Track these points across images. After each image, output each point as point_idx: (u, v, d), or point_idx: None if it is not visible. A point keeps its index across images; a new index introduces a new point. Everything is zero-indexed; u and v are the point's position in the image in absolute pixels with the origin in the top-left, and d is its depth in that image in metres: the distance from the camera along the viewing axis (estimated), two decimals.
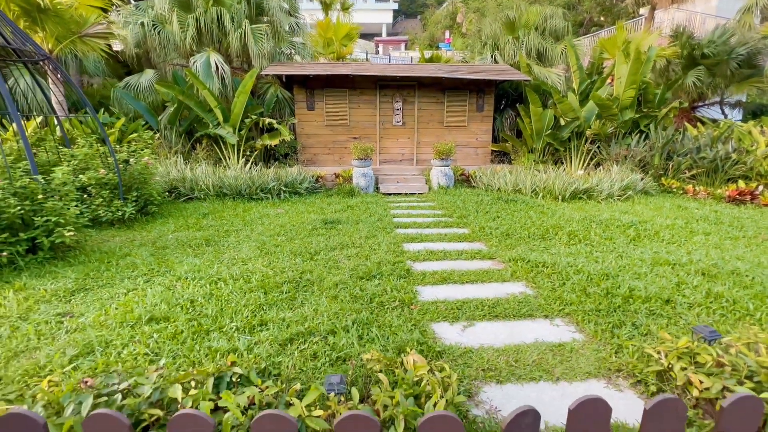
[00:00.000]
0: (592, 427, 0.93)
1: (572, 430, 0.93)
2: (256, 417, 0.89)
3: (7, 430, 0.87)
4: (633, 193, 7.42)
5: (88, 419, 0.87)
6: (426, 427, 0.88)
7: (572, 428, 0.94)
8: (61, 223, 3.71)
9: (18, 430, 0.87)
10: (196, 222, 5.42)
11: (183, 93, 7.74)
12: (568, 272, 3.59)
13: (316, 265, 3.83)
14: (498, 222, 5.54)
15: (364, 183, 8.10)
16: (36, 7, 6.21)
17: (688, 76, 10.83)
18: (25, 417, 0.87)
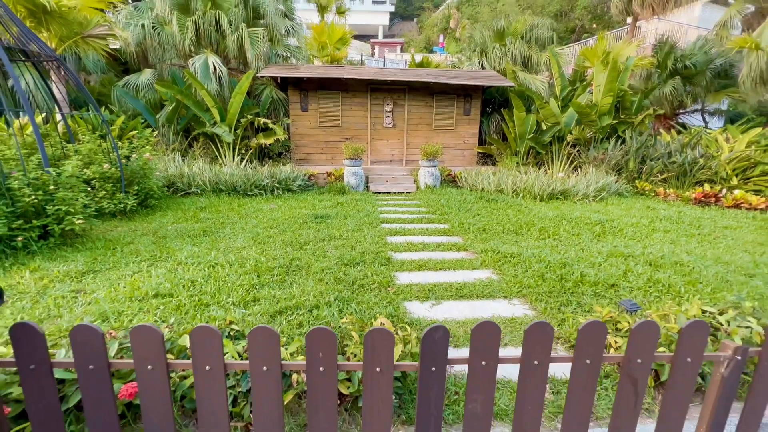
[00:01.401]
0: (487, 342, 1.33)
1: (474, 343, 1.33)
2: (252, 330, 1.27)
3: (79, 338, 1.24)
4: (607, 194, 7.90)
5: (134, 329, 1.24)
6: (369, 336, 1.27)
7: (474, 342, 1.33)
8: (70, 212, 4.04)
9: (86, 337, 1.24)
10: (193, 215, 5.76)
11: (181, 93, 8.07)
12: (531, 261, 4.01)
13: (305, 254, 4.20)
14: (477, 219, 5.95)
15: (355, 182, 8.49)
16: (42, 9, 6.51)
17: (666, 85, 11.41)
18: (90, 327, 1.24)
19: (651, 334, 1.36)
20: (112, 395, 1.30)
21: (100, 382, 1.28)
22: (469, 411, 1.40)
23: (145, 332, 1.25)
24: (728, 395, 1.45)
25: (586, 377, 1.38)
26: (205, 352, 1.27)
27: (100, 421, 1.32)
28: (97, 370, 1.27)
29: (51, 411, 1.30)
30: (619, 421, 1.45)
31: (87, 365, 1.26)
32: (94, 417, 1.31)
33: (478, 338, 1.32)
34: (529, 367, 1.36)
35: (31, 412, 1.29)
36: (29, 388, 1.27)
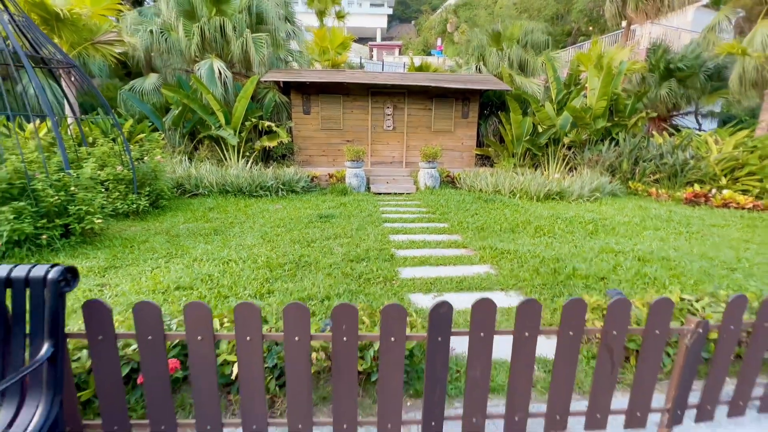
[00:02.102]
0: (485, 316, 1.56)
1: (474, 317, 1.56)
2: (286, 305, 1.49)
3: (140, 312, 1.46)
4: (601, 194, 8.15)
5: (187, 305, 1.46)
6: (385, 310, 1.50)
7: (474, 316, 1.57)
8: (90, 212, 4.26)
9: (145, 311, 1.46)
10: (203, 215, 5.98)
11: (188, 97, 8.29)
12: (526, 257, 4.25)
13: (312, 251, 4.43)
14: (475, 218, 6.20)
15: (357, 183, 8.72)
16: (55, 17, 6.74)
17: (662, 88, 11.71)
18: (150, 303, 1.46)
19: (624, 310, 1.60)
20: (166, 362, 1.53)
21: (156, 351, 1.51)
22: (470, 377, 1.63)
23: (196, 308, 1.48)
24: (692, 363, 1.69)
25: (570, 346, 1.62)
26: (246, 325, 1.50)
27: (156, 385, 1.54)
28: (155, 340, 1.49)
29: (114, 377, 1.52)
30: (599, 385, 1.69)
31: (146, 336, 1.49)
32: (151, 381, 1.54)
33: (477, 313, 1.56)
34: (520, 338, 1.60)
35: (97, 377, 1.52)
36: (97, 356, 1.50)
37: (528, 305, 1.57)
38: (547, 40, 11.70)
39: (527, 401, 1.67)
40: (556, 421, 1.71)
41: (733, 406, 1.87)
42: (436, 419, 1.63)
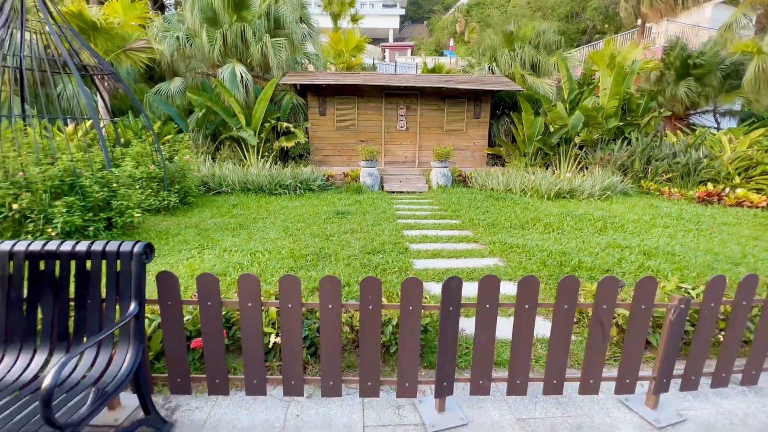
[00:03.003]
0: (490, 290, 1.82)
1: (481, 291, 1.82)
2: (322, 278, 1.78)
3: (202, 281, 1.77)
4: (612, 193, 8.25)
5: (241, 276, 1.76)
6: (405, 283, 1.78)
7: (481, 290, 1.83)
8: (129, 207, 4.66)
9: (206, 281, 1.77)
10: (227, 211, 6.36)
11: (211, 100, 8.73)
12: (534, 251, 4.46)
13: (331, 244, 4.73)
14: (486, 215, 6.41)
15: (371, 182, 9.01)
16: (91, 26, 7.23)
17: (680, 86, 11.60)
18: (210, 275, 1.77)
19: (613, 287, 1.84)
20: (222, 324, 1.83)
21: (214, 315, 1.81)
22: (477, 344, 1.89)
23: (247, 279, 1.78)
24: (676, 335, 1.91)
25: (565, 318, 1.86)
26: (288, 294, 1.79)
27: (212, 343, 1.85)
28: (213, 305, 1.80)
29: (179, 336, 1.84)
30: (591, 354, 1.92)
31: (206, 302, 1.80)
32: (209, 340, 1.84)
33: (483, 287, 1.81)
34: (521, 310, 1.85)
35: (165, 335, 1.83)
36: (166, 318, 1.81)
37: (528, 281, 1.82)
38: (559, 40, 11.78)
39: (527, 367, 1.92)
40: (553, 385, 1.95)
41: (716, 377, 2.07)
42: (447, 379, 1.90)
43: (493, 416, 2.00)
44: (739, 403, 2.11)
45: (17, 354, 1.56)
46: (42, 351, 1.58)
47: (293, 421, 1.93)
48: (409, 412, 2.02)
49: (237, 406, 2.03)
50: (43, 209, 4.02)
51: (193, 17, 9.42)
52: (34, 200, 4.01)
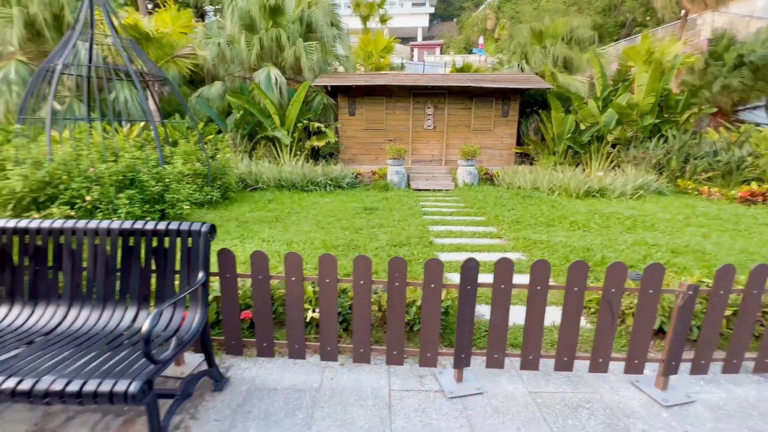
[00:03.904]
0: (504, 271, 2.02)
1: (496, 272, 2.03)
2: (356, 257, 2.05)
3: (254, 258, 2.09)
4: (646, 192, 8.04)
5: (287, 254, 2.07)
6: (428, 263, 2.01)
7: (496, 271, 2.03)
8: (180, 200, 5.16)
9: (258, 258, 2.09)
10: (264, 206, 6.83)
11: (248, 102, 9.30)
12: (557, 246, 4.54)
13: (360, 237, 5.02)
14: (512, 212, 6.49)
15: (398, 179, 9.26)
16: (144, 36, 7.94)
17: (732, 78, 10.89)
18: (261, 252, 2.08)
19: (621, 271, 1.99)
20: (270, 295, 2.15)
21: (264, 287, 2.13)
22: (493, 321, 2.10)
23: (292, 256, 2.08)
24: (684, 320, 2.03)
25: (575, 300, 2.03)
26: (327, 270, 2.08)
27: (262, 312, 2.17)
28: (263, 279, 2.12)
29: (234, 305, 2.17)
30: (601, 334, 2.08)
31: (258, 276, 2.12)
32: (258, 308, 2.17)
33: (499, 269, 2.02)
34: (534, 290, 2.04)
35: (224, 303, 2.17)
36: (225, 288, 2.15)
37: (540, 264, 2.00)
38: (593, 36, 11.50)
39: (539, 343, 2.11)
40: (564, 362, 2.12)
41: (728, 363, 2.16)
42: (465, 352, 2.11)
43: (507, 388, 2.19)
44: (752, 390, 2.19)
45: (113, 310, 1.94)
46: (131, 308, 1.96)
47: (329, 383, 2.22)
48: (430, 381, 2.25)
49: (279, 368, 2.35)
50: (110, 201, 4.57)
51: (233, 24, 10.05)
52: (103, 193, 4.57)
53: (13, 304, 1.98)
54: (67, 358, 1.61)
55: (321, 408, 2.02)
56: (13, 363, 1.57)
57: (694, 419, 1.97)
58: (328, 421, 1.93)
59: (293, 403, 2.05)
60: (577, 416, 1.98)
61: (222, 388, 2.11)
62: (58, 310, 1.96)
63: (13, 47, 8.98)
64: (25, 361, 1.58)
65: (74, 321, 1.92)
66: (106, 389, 1.40)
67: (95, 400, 1.40)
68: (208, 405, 2.02)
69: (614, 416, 1.98)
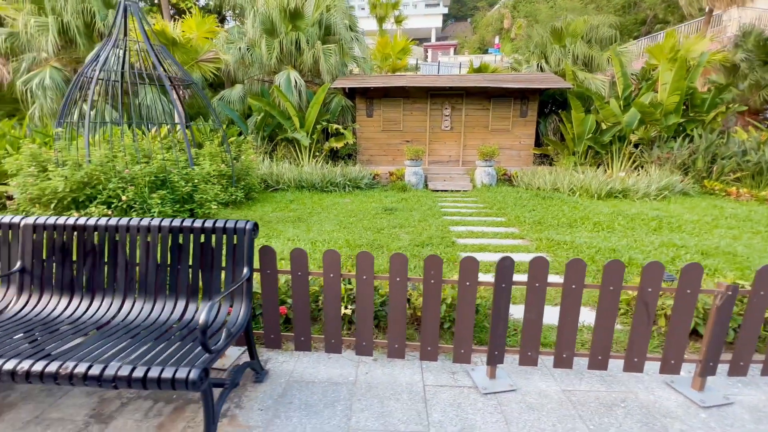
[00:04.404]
0: (539, 269, 2.05)
1: (531, 270, 2.06)
2: (392, 254, 2.11)
3: (294, 255, 2.18)
4: (670, 193, 7.86)
5: (326, 251, 2.14)
6: (463, 261, 2.06)
7: (531, 270, 2.06)
8: (208, 200, 5.33)
9: (297, 254, 2.18)
10: (286, 206, 6.97)
11: (269, 104, 9.49)
12: (582, 247, 4.51)
13: (382, 236, 5.09)
14: (532, 213, 6.45)
15: (415, 180, 9.30)
16: (171, 42, 8.21)
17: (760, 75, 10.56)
18: (301, 249, 2.17)
19: (658, 271, 1.99)
20: (308, 290, 2.23)
21: (303, 283, 2.21)
22: (527, 319, 2.13)
23: (331, 253, 2.15)
24: (722, 321, 2.01)
25: (610, 299, 2.04)
26: (364, 267, 2.14)
27: (300, 306, 2.25)
28: (303, 275, 2.20)
29: (274, 299, 2.26)
30: (636, 333, 2.08)
31: (297, 272, 2.20)
32: (297, 303, 2.25)
33: (533, 267, 2.05)
34: (568, 288, 2.06)
35: (264, 298, 2.26)
36: (266, 284, 2.24)
37: (576, 263, 2.02)
38: (614, 35, 11.31)
39: (573, 342, 2.12)
40: (598, 360, 2.14)
41: (767, 365, 2.13)
42: (498, 349, 2.15)
43: (539, 386, 2.22)
44: None
45: (164, 303, 2.06)
46: (180, 301, 2.06)
47: (363, 377, 2.29)
48: (463, 377, 2.29)
49: (315, 362, 2.42)
50: (144, 200, 4.76)
51: (254, 29, 10.28)
52: (137, 193, 4.76)
53: (72, 296, 2.11)
54: (127, 347, 1.72)
55: (359, 400, 2.08)
56: (80, 350, 1.68)
57: (733, 420, 1.95)
58: (366, 413, 1.99)
59: (331, 396, 2.12)
60: (613, 415, 1.99)
61: (262, 380, 2.20)
62: (113, 302, 2.08)
63: (47, 54, 9.42)
64: (90, 349, 1.70)
65: (128, 313, 2.04)
66: (168, 375, 1.50)
67: (158, 385, 1.50)
68: (251, 395, 2.12)
69: (651, 416, 1.99)
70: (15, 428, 1.88)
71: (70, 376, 1.51)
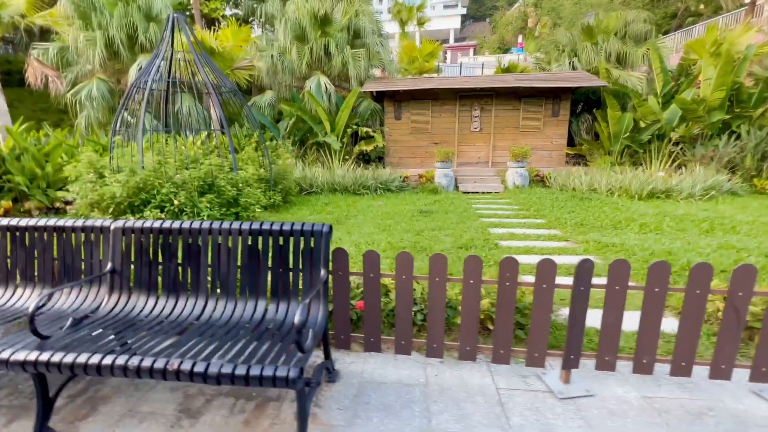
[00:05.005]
0: (619, 274, 2.00)
1: (610, 274, 2.02)
2: (466, 257, 2.12)
3: (367, 257, 2.22)
4: (717, 193, 7.52)
5: (399, 254, 2.17)
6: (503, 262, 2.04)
7: (610, 273, 2.02)
8: (252, 204, 5.48)
9: (370, 256, 2.21)
10: (322, 208, 7.08)
11: (301, 109, 9.69)
12: (634, 250, 4.37)
13: (423, 239, 5.09)
14: (573, 215, 6.30)
15: (446, 182, 9.27)
16: (209, 51, 8.51)
17: None
18: (374, 251, 2.21)
19: (749, 274, 1.91)
20: (380, 292, 2.26)
21: (375, 284, 2.24)
22: (605, 323, 2.08)
23: (404, 255, 2.18)
24: None
25: (696, 302, 1.97)
26: (437, 269, 2.16)
27: (372, 307, 2.28)
28: (375, 276, 2.23)
29: (346, 301, 2.30)
30: (724, 339, 2.00)
31: (369, 273, 2.24)
32: (369, 304, 2.28)
33: (613, 270, 2.01)
34: (650, 292, 2.00)
35: (336, 300, 2.31)
36: (338, 286, 2.29)
37: (659, 266, 1.97)
38: (649, 30, 10.94)
39: (655, 346, 2.06)
40: (681, 366, 2.07)
41: None
42: (574, 353, 2.11)
43: (617, 391, 2.16)
44: None
45: (245, 303, 2.13)
46: (261, 301, 2.14)
47: (434, 379, 2.29)
48: (535, 381, 2.26)
49: (382, 363, 2.45)
50: (194, 204, 4.94)
51: (285, 36, 10.53)
52: (187, 197, 4.95)
53: (158, 296, 2.22)
54: (221, 346, 1.80)
55: (434, 402, 2.09)
56: (179, 348, 1.77)
57: None
58: (445, 415, 2.00)
59: (406, 397, 2.14)
60: (703, 423, 1.92)
61: (335, 380, 2.24)
62: (197, 302, 2.18)
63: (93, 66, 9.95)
64: (188, 347, 1.78)
65: (213, 312, 2.12)
66: (269, 373, 1.55)
67: (260, 382, 1.56)
68: (327, 395, 2.16)
69: (744, 425, 1.90)
70: (113, 420, 1.99)
71: (177, 372, 1.59)
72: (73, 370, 1.64)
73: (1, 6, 7.76)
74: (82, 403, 2.11)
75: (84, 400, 2.14)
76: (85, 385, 2.24)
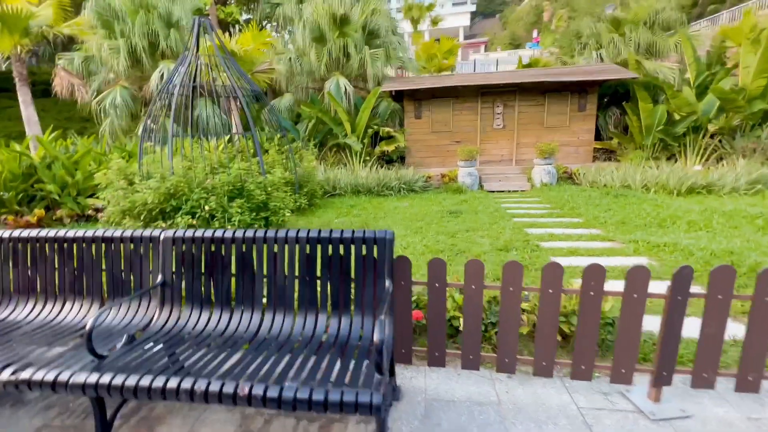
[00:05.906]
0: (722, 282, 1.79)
1: (711, 282, 1.80)
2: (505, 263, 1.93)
3: (432, 265, 2.05)
4: (764, 187, 7.10)
5: (468, 262, 2.01)
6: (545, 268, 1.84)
7: (712, 283, 1.80)
8: (281, 207, 5.38)
9: (436, 265, 2.05)
10: (347, 211, 6.95)
11: (321, 111, 9.59)
12: (690, 249, 4.09)
13: (459, 241, 4.90)
14: (610, 213, 6.02)
15: (470, 181, 9.03)
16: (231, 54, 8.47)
17: None
18: (440, 260, 2.04)
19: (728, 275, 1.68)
20: (445, 302, 2.09)
21: (440, 295, 2.08)
22: (705, 334, 1.87)
23: (473, 264, 2.00)
24: None
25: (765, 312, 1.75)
26: (511, 279, 1.98)
27: (436, 318, 2.12)
28: (440, 286, 2.07)
29: (408, 310, 2.14)
30: None
31: (434, 283, 2.07)
32: (433, 315, 2.12)
33: (715, 278, 1.79)
34: (760, 303, 1.78)
35: (398, 309, 2.15)
36: (400, 296, 2.13)
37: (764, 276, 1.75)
38: (679, 18, 10.49)
39: (763, 362, 1.84)
40: None
41: None
42: (667, 369, 1.90)
43: (716, 412, 1.94)
44: None
45: (305, 316, 1.99)
46: (322, 314, 2.00)
47: (505, 397, 2.11)
48: (619, 399, 2.06)
49: (446, 378, 2.28)
50: (224, 210, 4.87)
51: (304, 38, 10.46)
52: (218, 202, 4.88)
53: (212, 310, 2.10)
54: (289, 367, 1.65)
55: (513, 424, 1.91)
56: (244, 368, 1.63)
57: None
58: None
59: (480, 418, 1.96)
60: None
61: (399, 398, 2.09)
62: (253, 315, 2.05)
63: (115, 74, 10.07)
64: (254, 368, 1.64)
65: (271, 327, 1.99)
66: (350, 399, 1.40)
67: (341, 409, 1.41)
68: (393, 415, 2.00)
69: None
70: None
71: (249, 398, 1.45)
72: (137, 394, 1.52)
73: (31, 17, 7.90)
74: (136, 424, 2.01)
75: (138, 420, 2.03)
76: (137, 405, 2.14)
